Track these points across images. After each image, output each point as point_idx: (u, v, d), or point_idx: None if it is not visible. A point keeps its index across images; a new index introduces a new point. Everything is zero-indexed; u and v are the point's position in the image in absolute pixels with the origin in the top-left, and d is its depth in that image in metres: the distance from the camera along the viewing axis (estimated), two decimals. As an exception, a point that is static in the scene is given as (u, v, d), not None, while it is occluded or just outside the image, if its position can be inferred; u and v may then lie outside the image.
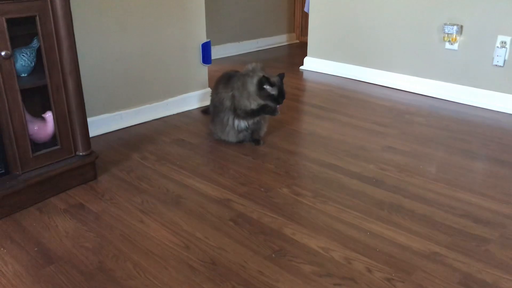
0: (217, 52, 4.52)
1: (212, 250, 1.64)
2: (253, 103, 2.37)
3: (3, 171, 1.87)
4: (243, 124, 2.45)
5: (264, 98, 2.33)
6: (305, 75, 4.02)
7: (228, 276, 1.51)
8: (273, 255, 1.62)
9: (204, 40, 3.04)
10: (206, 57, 3.06)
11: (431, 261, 1.58)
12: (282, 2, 5.22)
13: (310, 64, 4.14)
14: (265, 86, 2.31)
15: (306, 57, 4.18)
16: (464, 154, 2.42)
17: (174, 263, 1.58)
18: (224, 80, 2.50)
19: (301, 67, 4.19)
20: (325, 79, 3.88)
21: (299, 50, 4.91)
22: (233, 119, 2.44)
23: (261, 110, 2.40)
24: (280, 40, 5.34)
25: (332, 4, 3.86)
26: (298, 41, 5.48)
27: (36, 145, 1.99)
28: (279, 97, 2.33)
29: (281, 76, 2.37)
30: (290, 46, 5.32)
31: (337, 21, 3.86)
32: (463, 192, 2.04)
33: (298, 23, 5.43)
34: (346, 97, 3.41)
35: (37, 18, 1.82)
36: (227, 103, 2.43)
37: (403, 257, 1.60)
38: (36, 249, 1.66)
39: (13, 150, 1.86)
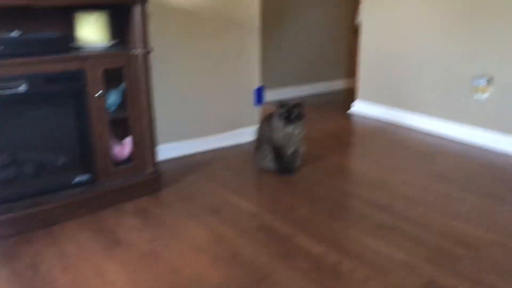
0: (275, 95, 5.07)
1: (235, 247, 2.16)
2: (281, 134, 2.90)
3: (93, 179, 2.52)
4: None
5: (281, 119, 2.87)
6: (352, 118, 4.47)
7: (238, 266, 2.01)
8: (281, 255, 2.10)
9: (258, 85, 3.63)
10: (258, 99, 3.63)
11: (407, 268, 1.98)
12: (343, 48, 5.73)
13: (359, 107, 4.59)
14: (279, 110, 2.86)
15: (355, 101, 4.64)
16: (468, 191, 2.75)
17: (206, 253, 2.10)
18: (268, 118, 3.05)
19: (348, 111, 4.65)
20: (369, 122, 4.31)
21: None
22: (270, 150, 2.96)
23: (280, 155, 2.96)
24: (339, 85, 5.83)
25: (379, 54, 4.33)
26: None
27: (116, 162, 2.64)
28: (288, 116, 2.86)
29: (294, 103, 2.88)
30: (348, 91, 5.78)
31: (383, 70, 4.31)
32: (455, 221, 2.39)
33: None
34: (381, 137, 3.82)
35: (124, 68, 2.49)
36: (267, 136, 2.97)
37: (386, 263, 2.02)
38: (109, 236, 2.26)
39: (100, 165, 2.52)
